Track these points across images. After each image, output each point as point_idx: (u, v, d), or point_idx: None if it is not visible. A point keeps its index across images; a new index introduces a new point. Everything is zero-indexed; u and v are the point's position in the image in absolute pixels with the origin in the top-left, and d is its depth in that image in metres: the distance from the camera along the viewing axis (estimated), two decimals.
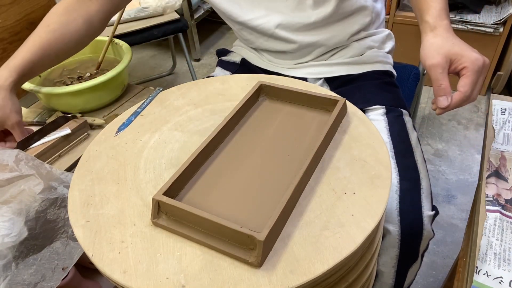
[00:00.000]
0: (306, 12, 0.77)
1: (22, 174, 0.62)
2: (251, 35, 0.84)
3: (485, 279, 0.46)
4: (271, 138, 0.57)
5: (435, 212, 0.67)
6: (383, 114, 0.76)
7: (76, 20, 0.72)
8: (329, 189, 0.49)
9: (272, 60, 0.88)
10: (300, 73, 0.85)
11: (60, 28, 0.71)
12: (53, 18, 0.72)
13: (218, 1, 0.81)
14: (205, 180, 0.51)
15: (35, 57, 0.69)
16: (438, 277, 1.21)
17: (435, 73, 0.56)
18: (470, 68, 0.55)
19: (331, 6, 0.76)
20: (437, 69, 0.56)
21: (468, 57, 0.55)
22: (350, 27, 0.80)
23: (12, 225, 0.58)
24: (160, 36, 1.67)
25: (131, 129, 0.62)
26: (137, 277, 0.41)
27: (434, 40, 0.58)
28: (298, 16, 0.78)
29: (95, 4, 0.74)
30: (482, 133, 1.68)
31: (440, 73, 0.55)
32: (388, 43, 0.88)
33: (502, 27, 1.69)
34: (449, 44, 0.57)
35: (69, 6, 0.73)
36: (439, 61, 0.56)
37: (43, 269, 0.60)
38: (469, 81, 0.55)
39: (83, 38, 0.75)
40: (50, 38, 0.70)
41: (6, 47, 1.82)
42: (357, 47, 0.83)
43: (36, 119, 0.84)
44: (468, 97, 0.55)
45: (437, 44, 0.57)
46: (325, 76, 0.84)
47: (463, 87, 0.55)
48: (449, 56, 0.56)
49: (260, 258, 0.40)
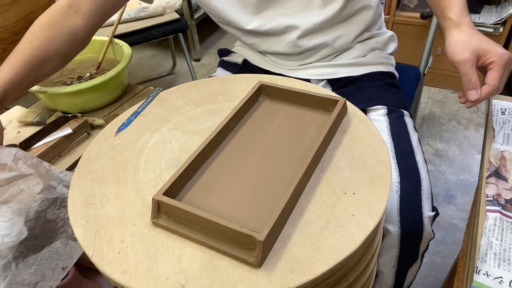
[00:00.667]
0: (314, 12, 0.77)
1: (21, 173, 0.62)
2: (256, 39, 0.84)
3: (485, 279, 0.46)
4: (271, 138, 0.57)
5: (435, 213, 0.67)
6: (385, 115, 0.76)
7: (61, 36, 0.69)
8: (329, 189, 0.49)
9: (276, 61, 0.88)
10: (303, 75, 0.85)
11: (44, 45, 0.68)
12: (37, 34, 0.68)
13: (222, 10, 0.81)
14: (205, 180, 0.51)
15: (18, 76, 0.66)
16: (438, 277, 1.21)
17: (464, 68, 0.58)
18: (498, 62, 0.57)
19: (339, 4, 0.76)
20: (467, 64, 0.57)
21: (495, 52, 0.57)
22: (356, 28, 0.81)
23: (12, 225, 0.58)
24: (160, 36, 1.67)
25: (131, 129, 0.62)
26: (137, 277, 0.41)
27: (460, 36, 0.60)
28: (305, 16, 0.77)
29: (81, 18, 0.71)
30: (482, 133, 1.68)
31: (469, 68, 0.57)
32: (391, 45, 0.89)
33: (502, 27, 1.69)
34: (476, 40, 0.59)
35: (53, 20, 0.70)
36: (468, 56, 0.58)
37: (43, 269, 0.60)
38: (497, 74, 0.57)
39: (68, 54, 0.73)
40: (33, 56, 0.67)
41: (6, 47, 1.83)
42: (361, 49, 0.83)
43: (36, 119, 0.84)
44: (497, 90, 0.58)
45: (464, 40, 0.59)
46: (328, 77, 0.84)
47: (492, 81, 0.57)
48: (477, 52, 0.58)
49: (260, 258, 0.40)
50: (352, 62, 0.83)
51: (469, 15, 0.62)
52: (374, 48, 0.85)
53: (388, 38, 0.87)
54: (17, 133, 0.83)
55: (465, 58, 0.58)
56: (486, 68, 0.59)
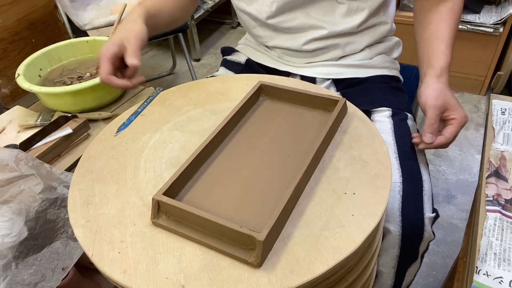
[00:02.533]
0: (336, 20, 0.79)
1: (22, 174, 0.62)
2: (271, 33, 0.84)
3: (485, 279, 0.46)
4: (271, 138, 0.57)
5: (435, 214, 0.67)
6: (389, 117, 0.77)
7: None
8: (329, 189, 0.49)
9: (283, 57, 0.88)
10: (309, 72, 0.86)
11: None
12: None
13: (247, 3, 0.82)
14: (205, 180, 0.51)
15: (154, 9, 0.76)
16: (438, 277, 1.21)
17: (433, 113, 0.64)
18: (458, 121, 0.64)
19: (362, 17, 0.78)
20: (436, 111, 0.64)
21: (460, 112, 0.65)
22: (369, 38, 0.83)
23: (12, 225, 0.58)
24: (160, 36, 1.67)
25: (131, 129, 0.62)
26: (137, 277, 0.41)
27: (439, 85, 0.66)
28: (326, 21, 0.79)
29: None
30: (482, 133, 1.68)
31: (437, 114, 0.64)
32: (396, 50, 0.90)
33: (502, 27, 1.69)
34: (450, 95, 0.66)
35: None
36: (440, 104, 0.64)
37: (43, 269, 0.60)
38: (454, 131, 0.64)
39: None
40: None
41: (6, 47, 1.82)
42: (368, 52, 0.85)
43: (39, 121, 0.84)
44: (447, 144, 0.65)
45: (441, 90, 0.66)
46: (334, 77, 0.85)
47: (449, 134, 0.64)
48: (447, 105, 0.65)
49: (260, 258, 0.40)
50: (359, 63, 0.84)
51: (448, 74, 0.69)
52: (381, 52, 0.86)
53: (394, 43, 0.88)
54: (17, 133, 0.83)
55: (438, 104, 0.64)
56: (446, 122, 0.66)
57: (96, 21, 1.60)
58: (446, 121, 0.66)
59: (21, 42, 1.89)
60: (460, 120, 0.64)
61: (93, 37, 1.01)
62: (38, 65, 0.94)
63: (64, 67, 0.98)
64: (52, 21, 2.00)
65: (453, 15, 0.72)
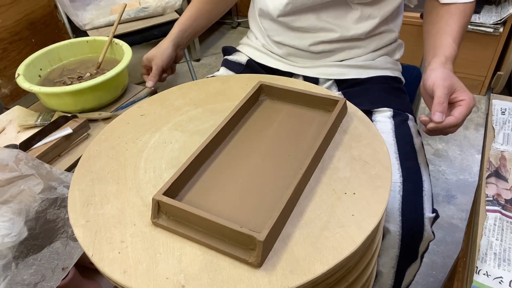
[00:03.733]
0: (347, 25, 0.79)
1: (22, 174, 0.62)
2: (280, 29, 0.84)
3: (485, 279, 0.46)
4: (271, 138, 0.57)
5: (435, 214, 0.67)
6: (390, 117, 0.77)
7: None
8: (329, 189, 0.49)
9: (286, 57, 0.88)
10: (312, 73, 0.86)
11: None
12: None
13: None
14: (205, 180, 0.51)
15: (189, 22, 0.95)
16: (438, 277, 1.21)
17: (442, 92, 0.62)
18: (468, 102, 0.62)
19: (372, 24, 0.79)
20: (445, 90, 0.62)
21: (468, 94, 0.63)
22: (375, 45, 0.84)
23: (12, 225, 0.58)
24: (160, 36, 1.66)
25: (131, 129, 0.62)
26: (137, 277, 0.41)
27: (445, 70, 0.65)
28: (337, 25, 0.79)
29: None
30: (482, 133, 1.68)
31: (445, 93, 0.62)
32: (398, 52, 0.91)
33: (502, 27, 1.69)
34: (456, 78, 0.65)
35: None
36: (449, 84, 0.63)
37: (43, 269, 0.60)
38: (464, 112, 0.61)
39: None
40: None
41: (6, 47, 1.82)
42: (372, 53, 0.85)
43: (39, 121, 0.84)
44: (457, 125, 0.62)
45: (448, 74, 0.64)
46: (336, 77, 0.85)
47: (459, 114, 0.61)
48: (455, 87, 0.63)
49: (260, 258, 0.40)
50: (361, 64, 0.84)
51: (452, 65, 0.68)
52: (383, 54, 0.86)
53: (396, 45, 0.89)
54: (17, 133, 0.83)
55: (447, 84, 0.62)
56: (454, 104, 0.64)
57: (96, 21, 1.61)
58: (455, 103, 0.63)
59: (21, 42, 1.89)
60: (469, 102, 0.62)
61: (93, 37, 1.02)
62: (38, 65, 0.94)
63: (64, 67, 0.98)
64: (52, 21, 2.00)
65: (464, 16, 0.72)
